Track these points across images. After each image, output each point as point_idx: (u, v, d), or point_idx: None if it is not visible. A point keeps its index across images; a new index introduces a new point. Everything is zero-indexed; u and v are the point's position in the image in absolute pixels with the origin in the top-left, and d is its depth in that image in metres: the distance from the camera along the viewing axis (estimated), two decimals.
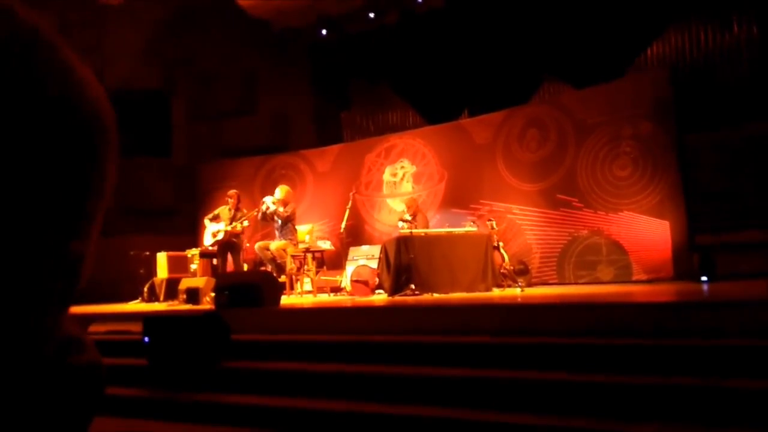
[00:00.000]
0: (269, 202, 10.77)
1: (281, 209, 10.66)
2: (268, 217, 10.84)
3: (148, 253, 12.25)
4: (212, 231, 11.28)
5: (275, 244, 10.66)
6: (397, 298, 9.02)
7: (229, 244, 11.14)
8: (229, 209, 11.21)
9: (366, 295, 9.69)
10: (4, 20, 0.48)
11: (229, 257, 11.33)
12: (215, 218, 11.30)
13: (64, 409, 0.56)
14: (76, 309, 0.58)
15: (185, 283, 10.28)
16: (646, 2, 11.54)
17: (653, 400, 4.04)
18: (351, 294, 10.10)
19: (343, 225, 11.34)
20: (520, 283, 9.98)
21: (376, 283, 9.92)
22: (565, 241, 11.32)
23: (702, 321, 4.92)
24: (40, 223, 0.49)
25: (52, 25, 0.52)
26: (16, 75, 0.48)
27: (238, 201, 11.30)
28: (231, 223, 11.05)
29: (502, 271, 10.16)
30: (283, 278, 10.34)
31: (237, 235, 11.13)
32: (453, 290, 9.20)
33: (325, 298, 10.34)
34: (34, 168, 0.48)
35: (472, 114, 13.34)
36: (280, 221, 10.74)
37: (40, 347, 0.53)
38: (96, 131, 0.54)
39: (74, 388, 0.57)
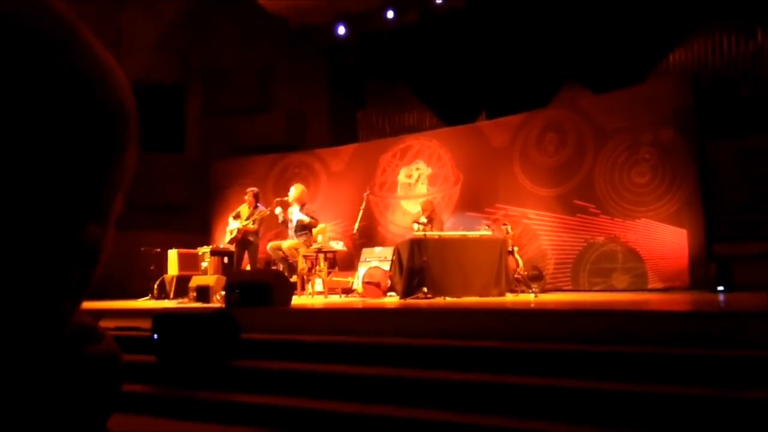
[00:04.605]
0: (296, 214, 10.71)
1: (306, 219, 10.63)
2: (296, 227, 10.79)
3: (159, 249, 12.23)
4: (230, 229, 11.28)
5: (287, 244, 10.61)
6: (409, 300, 8.95)
7: (244, 242, 11.10)
8: (248, 207, 11.19)
9: (377, 297, 9.63)
10: (32, 7, 0.49)
11: (246, 256, 11.29)
12: (237, 216, 11.30)
13: (82, 400, 0.56)
14: (86, 304, 0.57)
15: (196, 281, 10.28)
16: (669, 9, 11.44)
17: (666, 410, 3.97)
18: (362, 296, 10.04)
19: (356, 226, 11.26)
20: (533, 289, 9.90)
21: (388, 285, 9.87)
22: (581, 248, 11.21)
23: (716, 331, 4.84)
24: (58, 204, 0.49)
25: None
26: (44, 61, 0.48)
27: (256, 199, 11.26)
28: (246, 221, 11.03)
29: (516, 276, 10.08)
30: (294, 278, 10.29)
31: (252, 233, 11.06)
32: (466, 294, 9.12)
33: (336, 300, 10.28)
34: (57, 150, 0.49)
35: (489, 116, 13.26)
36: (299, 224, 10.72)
37: (54, 335, 0.53)
38: (118, 117, 0.54)
39: (92, 378, 0.57)
